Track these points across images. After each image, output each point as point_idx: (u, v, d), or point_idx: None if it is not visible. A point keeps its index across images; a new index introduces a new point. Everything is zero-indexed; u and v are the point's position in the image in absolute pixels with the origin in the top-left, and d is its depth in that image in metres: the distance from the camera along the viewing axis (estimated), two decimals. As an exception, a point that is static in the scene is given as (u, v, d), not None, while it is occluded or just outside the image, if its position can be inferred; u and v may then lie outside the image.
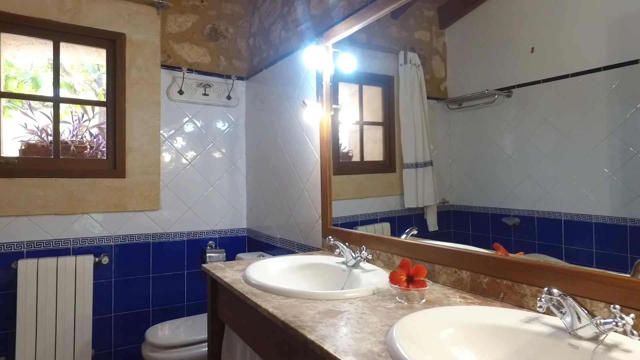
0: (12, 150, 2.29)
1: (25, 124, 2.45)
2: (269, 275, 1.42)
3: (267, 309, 1.05)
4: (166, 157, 2.45)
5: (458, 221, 1.32)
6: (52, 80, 2.20)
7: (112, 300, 2.26)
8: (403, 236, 1.48)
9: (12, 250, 2.02)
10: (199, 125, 2.57)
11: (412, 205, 1.50)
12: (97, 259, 2.16)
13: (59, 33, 2.17)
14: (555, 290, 0.76)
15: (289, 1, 2.21)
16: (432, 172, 1.43)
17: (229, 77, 2.62)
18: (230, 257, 2.57)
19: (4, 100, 2.39)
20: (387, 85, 1.64)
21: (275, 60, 2.32)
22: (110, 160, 2.30)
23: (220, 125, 2.64)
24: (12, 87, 2.87)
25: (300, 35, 2.10)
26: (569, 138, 1.01)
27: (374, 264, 1.51)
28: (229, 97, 2.63)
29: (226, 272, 1.48)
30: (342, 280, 1.43)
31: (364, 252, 1.42)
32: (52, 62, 2.22)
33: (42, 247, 2.08)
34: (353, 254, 1.44)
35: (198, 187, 2.55)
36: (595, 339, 0.76)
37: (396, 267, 1.15)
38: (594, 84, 0.96)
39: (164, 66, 2.43)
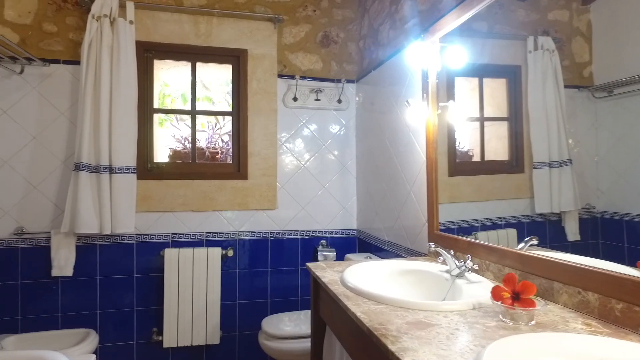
0: (163, 156, 2.75)
1: (174, 134, 2.91)
2: (366, 279, 1.40)
3: (356, 313, 1.05)
4: (282, 160, 2.63)
5: (608, 231, 1.10)
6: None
7: (236, 289, 2.53)
8: (521, 245, 1.31)
9: (161, 240, 2.43)
10: (311, 129, 2.69)
11: (545, 211, 1.31)
12: (224, 252, 2.45)
13: (195, 55, 2.52)
14: None
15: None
16: (572, 172, 1.22)
17: (339, 81, 2.68)
18: (340, 257, 2.63)
19: (161, 114, 2.89)
20: (513, 76, 1.47)
21: (384, 61, 2.29)
22: (235, 164, 2.58)
23: (332, 128, 2.73)
24: (168, 103, 3.44)
25: (406, 33, 2.03)
26: None
27: (483, 276, 1.37)
28: (339, 101, 2.70)
29: (326, 272, 1.52)
30: (444, 290, 1.34)
31: (468, 261, 1.30)
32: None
33: (182, 239, 2.45)
34: (457, 263, 1.34)
35: (311, 188, 2.68)
36: None
37: (504, 281, 1.02)
38: None
39: (280, 75, 2.62)
